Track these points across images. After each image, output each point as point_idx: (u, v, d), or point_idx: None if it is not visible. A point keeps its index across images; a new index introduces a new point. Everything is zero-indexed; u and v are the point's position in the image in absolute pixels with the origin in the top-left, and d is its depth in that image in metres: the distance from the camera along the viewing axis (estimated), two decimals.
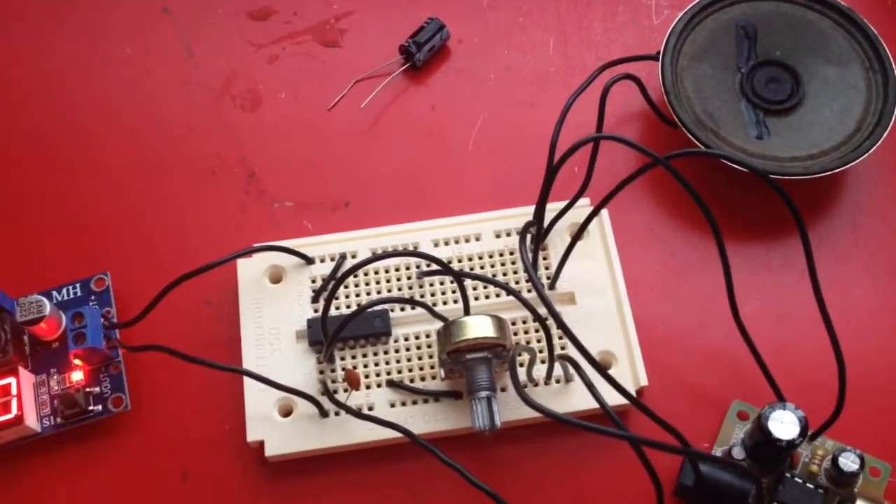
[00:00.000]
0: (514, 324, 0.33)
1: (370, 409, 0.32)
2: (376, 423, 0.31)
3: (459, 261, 0.34)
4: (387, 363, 0.33)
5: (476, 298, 0.34)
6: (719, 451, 0.32)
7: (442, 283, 0.34)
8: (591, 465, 0.32)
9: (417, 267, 0.34)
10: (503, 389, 0.32)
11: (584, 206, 0.35)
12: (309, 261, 0.34)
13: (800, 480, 0.30)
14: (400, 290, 0.34)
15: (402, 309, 0.34)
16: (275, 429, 0.32)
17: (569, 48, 0.41)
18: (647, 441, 0.24)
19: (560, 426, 0.27)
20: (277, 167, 0.39)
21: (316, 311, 0.34)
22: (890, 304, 0.35)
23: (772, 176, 0.34)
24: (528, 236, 0.34)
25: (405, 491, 0.32)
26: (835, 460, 0.30)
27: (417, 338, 0.33)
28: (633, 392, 0.32)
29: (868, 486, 0.31)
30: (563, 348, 0.32)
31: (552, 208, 0.34)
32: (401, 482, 0.32)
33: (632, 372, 0.32)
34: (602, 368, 0.25)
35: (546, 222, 0.34)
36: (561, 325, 0.26)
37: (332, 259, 0.35)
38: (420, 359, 0.33)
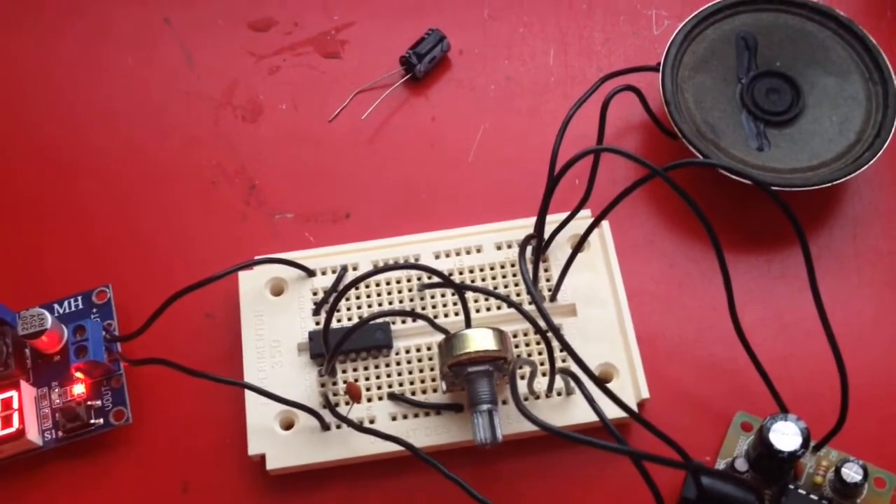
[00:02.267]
0: (515, 336, 0.33)
1: (371, 422, 0.32)
2: (378, 437, 0.31)
3: (461, 273, 0.34)
4: (388, 376, 0.33)
5: (477, 311, 0.34)
6: (723, 463, 0.32)
7: (443, 296, 0.34)
8: (593, 479, 0.32)
9: (419, 279, 0.34)
10: (504, 402, 0.32)
11: (584, 218, 0.35)
12: (310, 273, 0.34)
13: (803, 492, 0.30)
14: (401, 302, 0.34)
15: (404, 321, 0.34)
16: (276, 442, 0.32)
17: (569, 58, 0.42)
18: (647, 456, 0.24)
19: (562, 439, 0.27)
20: (278, 178, 0.39)
21: (317, 323, 0.34)
22: (890, 315, 0.35)
23: (772, 187, 0.34)
24: (529, 249, 0.34)
25: None
26: (838, 471, 0.30)
27: (419, 350, 0.33)
28: (634, 404, 0.32)
29: (873, 496, 0.31)
30: (564, 360, 0.32)
31: (553, 220, 0.34)
32: (402, 496, 0.32)
33: (633, 384, 0.32)
34: (602, 384, 0.25)
35: (547, 234, 0.34)
36: (561, 340, 0.26)
37: (334, 271, 0.35)
38: (421, 371, 0.33)
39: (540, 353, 0.33)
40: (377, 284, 0.34)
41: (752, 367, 0.32)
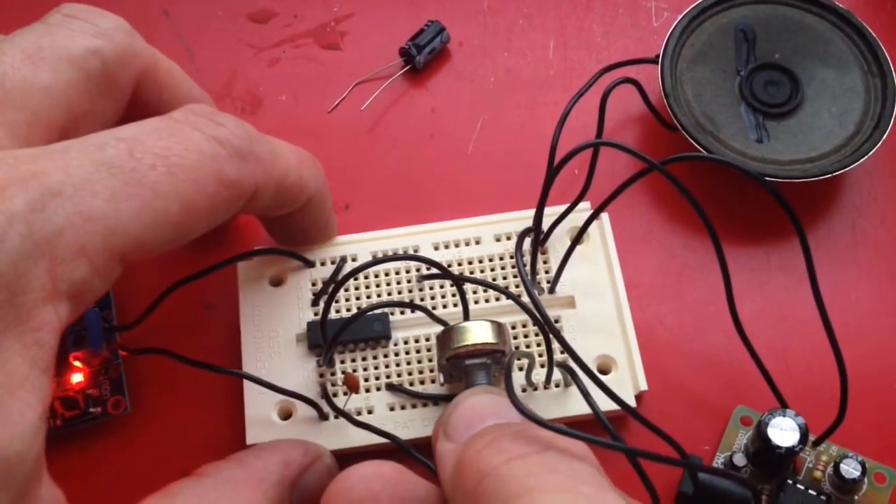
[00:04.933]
0: (514, 327, 0.33)
1: (370, 412, 0.32)
2: (373, 433, 0.31)
3: (459, 264, 0.34)
4: (386, 366, 0.33)
5: (476, 302, 0.34)
6: (721, 458, 0.32)
7: (442, 287, 0.34)
8: None
9: (417, 270, 0.34)
10: None
11: (584, 210, 0.35)
12: (309, 264, 0.34)
13: (802, 487, 0.30)
14: (400, 293, 0.34)
15: (402, 312, 0.34)
16: (274, 432, 0.32)
17: (568, 51, 0.42)
18: (643, 453, 0.24)
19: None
20: None
21: (316, 314, 0.34)
22: (890, 306, 0.35)
23: (772, 179, 0.35)
24: (527, 242, 0.33)
25: None
26: (837, 467, 0.30)
27: (417, 341, 0.33)
28: (632, 396, 0.32)
29: (872, 492, 0.31)
30: (562, 352, 0.32)
31: (553, 212, 0.34)
32: None
33: (631, 376, 0.32)
34: (599, 380, 0.25)
35: (546, 226, 0.34)
36: (557, 336, 0.26)
37: (333, 262, 0.35)
38: (420, 362, 0.33)
39: (539, 345, 0.33)
40: (376, 275, 0.34)
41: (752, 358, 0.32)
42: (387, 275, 0.34)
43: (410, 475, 0.25)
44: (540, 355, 0.32)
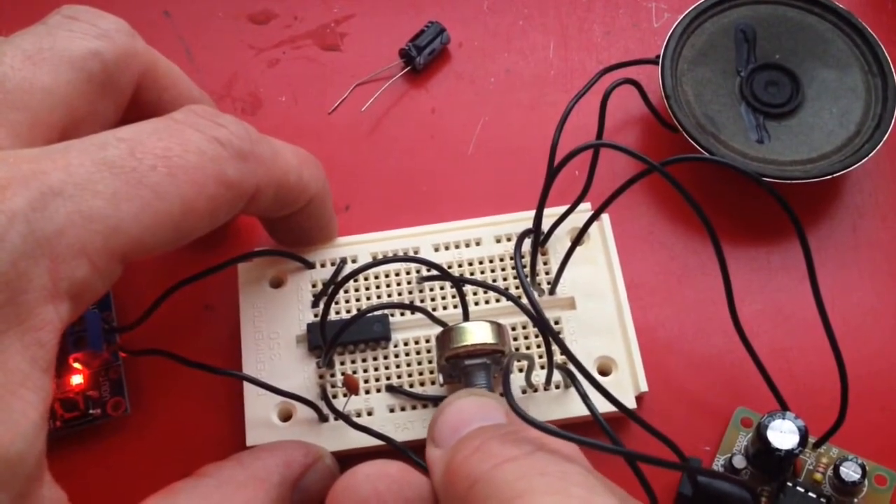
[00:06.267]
0: (513, 329, 0.33)
1: (369, 413, 0.32)
2: (370, 435, 0.31)
3: (459, 265, 0.34)
4: (386, 368, 0.33)
5: (476, 303, 0.34)
6: (721, 459, 0.32)
7: (442, 288, 0.34)
8: None
9: (418, 271, 0.34)
10: (502, 395, 0.32)
11: (584, 211, 0.35)
12: (309, 265, 0.34)
13: (802, 490, 0.30)
14: (400, 294, 0.34)
15: (402, 314, 0.34)
16: (274, 433, 0.32)
17: (569, 51, 0.41)
18: (643, 457, 0.24)
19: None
20: None
21: (316, 315, 0.34)
22: (891, 308, 0.35)
23: (772, 179, 0.35)
24: (527, 243, 0.33)
25: None
26: (837, 469, 0.30)
27: (417, 343, 0.33)
28: (633, 398, 0.32)
29: (873, 494, 0.31)
30: (562, 353, 0.32)
31: (553, 213, 0.34)
32: None
33: (632, 377, 0.32)
34: (597, 383, 0.25)
35: (546, 227, 0.34)
36: (556, 338, 0.26)
37: (333, 263, 0.35)
38: (420, 364, 0.33)
39: (539, 346, 0.33)
40: (376, 277, 0.34)
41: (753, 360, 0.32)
42: (387, 276, 0.34)
43: (416, 475, 0.25)
44: (540, 357, 0.32)
